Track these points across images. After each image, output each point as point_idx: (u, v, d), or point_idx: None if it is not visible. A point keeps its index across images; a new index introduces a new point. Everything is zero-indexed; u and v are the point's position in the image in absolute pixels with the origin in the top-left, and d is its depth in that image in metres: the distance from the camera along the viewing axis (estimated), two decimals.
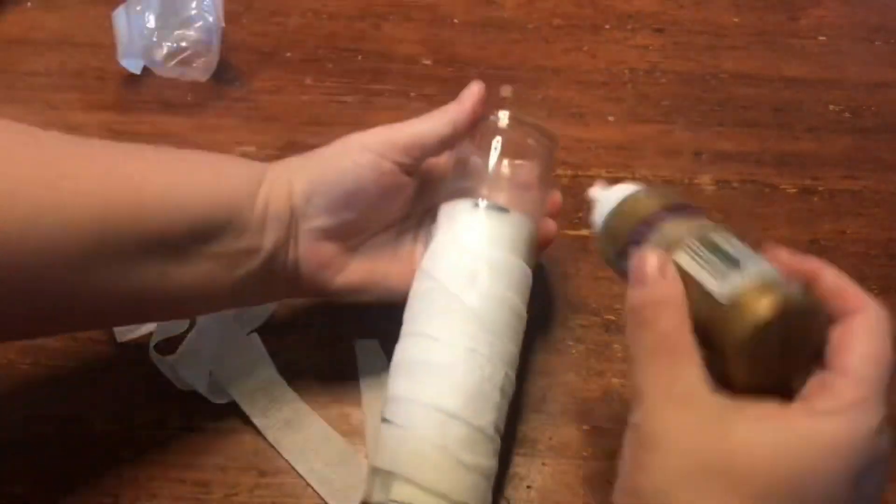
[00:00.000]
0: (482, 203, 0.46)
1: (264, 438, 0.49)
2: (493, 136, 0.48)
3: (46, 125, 0.41)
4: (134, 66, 0.67)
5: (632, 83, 0.68)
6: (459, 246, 0.45)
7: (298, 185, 0.45)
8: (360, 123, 0.65)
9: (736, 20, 0.73)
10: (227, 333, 0.52)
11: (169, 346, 0.51)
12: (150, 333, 0.52)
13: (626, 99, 0.67)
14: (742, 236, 0.37)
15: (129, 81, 0.68)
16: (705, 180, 0.62)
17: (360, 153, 0.44)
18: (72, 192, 0.39)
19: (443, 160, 0.49)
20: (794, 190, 0.62)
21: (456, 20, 0.73)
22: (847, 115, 0.66)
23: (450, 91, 0.67)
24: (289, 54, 0.70)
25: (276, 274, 0.46)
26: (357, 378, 0.51)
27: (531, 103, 0.67)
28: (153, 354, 0.51)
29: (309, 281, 0.47)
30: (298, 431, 0.48)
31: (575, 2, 0.75)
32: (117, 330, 0.52)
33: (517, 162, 0.47)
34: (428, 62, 0.70)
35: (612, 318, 0.54)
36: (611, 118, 0.66)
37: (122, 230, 0.41)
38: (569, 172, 0.62)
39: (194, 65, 0.67)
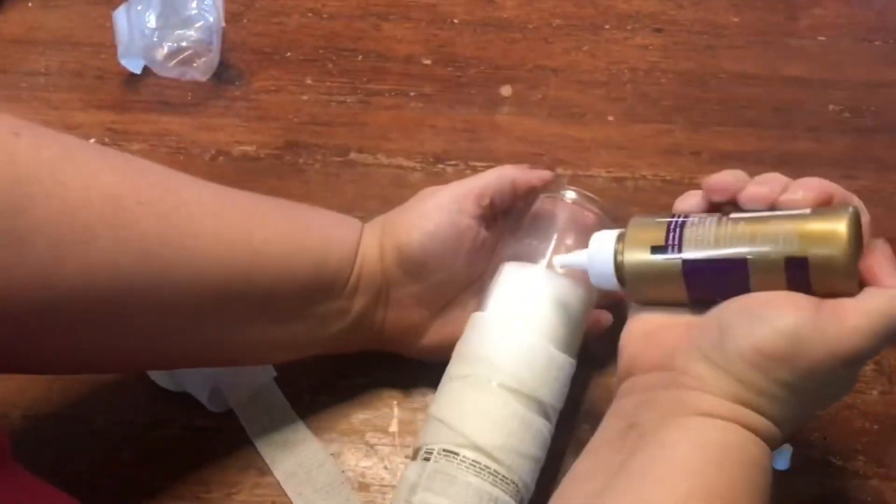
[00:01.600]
0: (535, 266, 0.46)
1: None
2: (555, 210, 0.48)
3: (46, 125, 0.41)
4: (134, 65, 0.67)
5: (631, 83, 0.68)
6: (515, 300, 0.46)
7: (389, 249, 0.47)
8: (360, 123, 0.65)
9: (735, 20, 0.73)
10: None
11: None
12: None
13: (625, 99, 0.67)
14: None
15: (129, 81, 0.68)
16: None
17: (439, 213, 0.46)
18: (197, 254, 0.41)
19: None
20: None
21: (456, 20, 0.73)
22: (847, 114, 0.66)
23: (450, 91, 0.67)
24: (289, 54, 0.70)
25: (362, 333, 0.48)
26: (356, 379, 0.52)
27: (531, 103, 0.67)
28: None
29: (392, 342, 0.49)
30: (293, 454, 0.48)
31: (575, 2, 0.75)
32: None
33: (575, 237, 0.48)
34: (428, 62, 0.70)
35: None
36: (611, 118, 0.66)
37: (236, 293, 0.43)
38: (568, 172, 0.62)
39: (194, 65, 0.67)
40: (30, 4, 0.74)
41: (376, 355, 0.52)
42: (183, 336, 0.43)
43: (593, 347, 0.52)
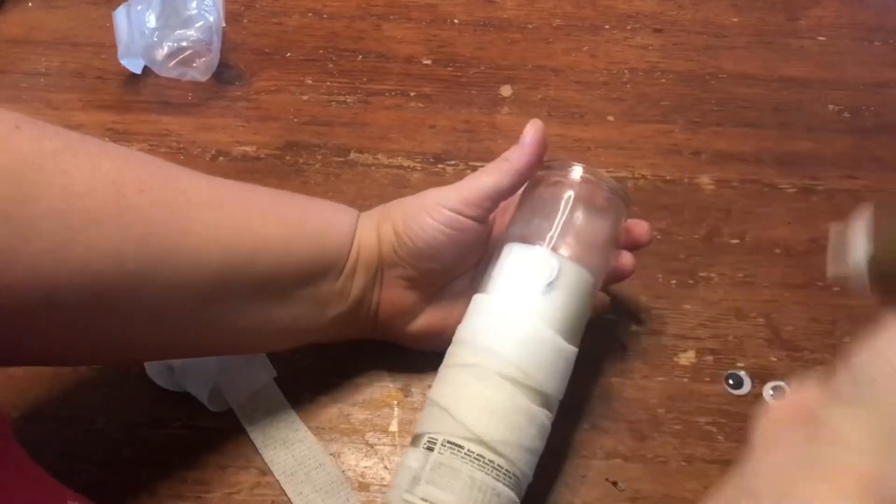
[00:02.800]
0: (542, 248, 0.45)
1: None
2: (563, 188, 0.47)
3: None
4: (134, 66, 0.67)
5: (631, 83, 0.68)
6: (514, 285, 0.45)
7: (385, 234, 0.48)
8: (360, 123, 0.65)
9: (735, 20, 0.74)
10: None
11: None
12: None
13: (625, 99, 0.67)
14: None
15: (129, 81, 0.68)
16: (704, 180, 0.62)
17: (438, 211, 0.46)
18: (198, 238, 0.42)
19: (512, 206, 0.50)
20: (794, 190, 0.62)
21: (456, 20, 0.73)
22: (847, 115, 0.67)
23: (450, 91, 0.68)
24: (289, 54, 0.70)
25: (359, 317, 0.49)
26: (356, 379, 0.52)
27: (531, 103, 0.67)
28: (147, 363, 0.51)
29: (385, 325, 0.50)
30: (293, 453, 0.48)
31: (575, 2, 0.75)
32: None
33: (584, 218, 0.47)
34: (428, 62, 0.70)
35: (612, 317, 0.54)
36: (610, 118, 0.66)
37: (239, 275, 0.43)
38: None
39: (194, 65, 0.67)
40: (30, 4, 0.74)
41: (377, 355, 0.52)
42: (187, 321, 0.43)
43: (593, 347, 0.52)
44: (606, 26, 0.73)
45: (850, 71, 0.69)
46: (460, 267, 0.49)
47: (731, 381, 0.52)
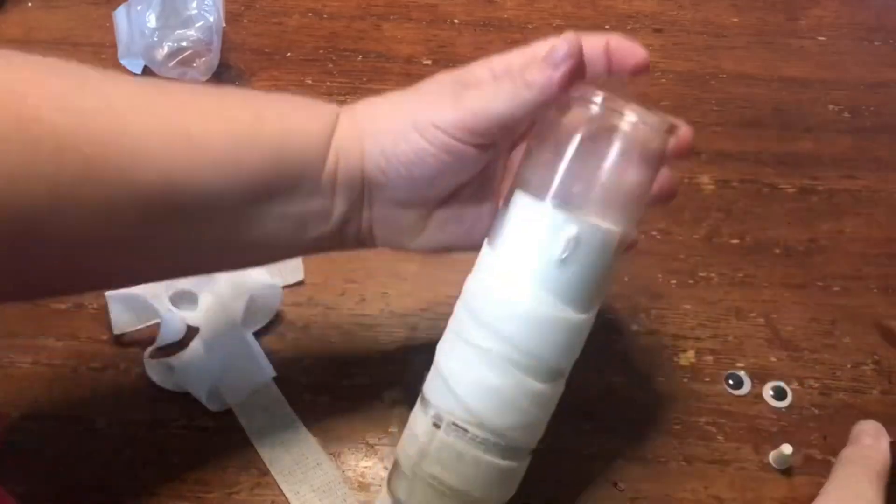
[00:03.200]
0: (554, 211, 0.38)
1: None
2: (587, 124, 0.38)
3: None
4: (134, 66, 0.67)
5: (632, 83, 0.68)
6: (513, 248, 0.40)
7: (371, 151, 0.40)
8: None
9: (735, 20, 0.74)
10: (231, 341, 0.51)
11: (162, 353, 0.51)
12: (148, 334, 0.52)
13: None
14: None
15: None
16: (705, 180, 0.62)
17: (433, 133, 0.39)
18: (123, 150, 0.36)
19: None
20: (794, 189, 0.62)
21: (456, 20, 0.73)
22: (846, 115, 0.67)
23: None
24: (289, 54, 0.70)
25: (348, 237, 0.43)
26: (356, 379, 0.52)
27: None
28: (148, 363, 0.51)
29: (384, 243, 0.44)
30: (291, 453, 0.48)
31: (575, 2, 0.75)
32: (114, 324, 0.52)
33: (613, 162, 0.38)
34: (428, 62, 0.70)
35: (612, 317, 0.54)
36: None
37: (180, 192, 0.37)
38: None
39: (195, 65, 0.67)
40: (30, 4, 0.74)
41: (378, 355, 0.52)
42: (127, 244, 0.38)
43: (593, 347, 0.52)
44: (606, 26, 0.73)
45: (850, 71, 0.69)
46: (459, 184, 0.42)
47: (730, 381, 0.52)
